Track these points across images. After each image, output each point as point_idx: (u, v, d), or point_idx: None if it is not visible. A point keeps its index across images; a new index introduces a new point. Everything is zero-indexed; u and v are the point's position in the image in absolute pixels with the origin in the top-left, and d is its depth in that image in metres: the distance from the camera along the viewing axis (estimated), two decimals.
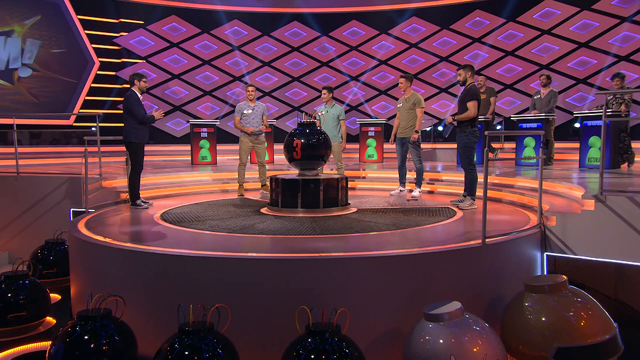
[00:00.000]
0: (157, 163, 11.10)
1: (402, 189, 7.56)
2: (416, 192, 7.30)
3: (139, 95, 6.32)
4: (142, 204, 6.44)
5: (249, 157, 7.86)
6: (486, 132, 4.69)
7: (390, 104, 14.97)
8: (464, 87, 6.21)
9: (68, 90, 13.29)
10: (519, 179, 7.11)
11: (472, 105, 5.95)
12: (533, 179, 6.76)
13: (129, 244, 4.36)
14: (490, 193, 6.80)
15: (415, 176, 7.38)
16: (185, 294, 3.83)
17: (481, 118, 8.81)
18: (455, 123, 6.16)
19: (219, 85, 15.09)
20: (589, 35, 13.00)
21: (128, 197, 6.61)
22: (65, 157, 10.67)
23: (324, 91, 7.82)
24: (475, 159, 6.29)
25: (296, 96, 15.43)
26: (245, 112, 7.63)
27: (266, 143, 7.87)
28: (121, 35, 14.21)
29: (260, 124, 7.67)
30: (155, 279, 3.96)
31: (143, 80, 6.40)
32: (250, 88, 7.69)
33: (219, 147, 11.52)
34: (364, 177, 8.99)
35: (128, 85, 6.48)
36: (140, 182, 6.55)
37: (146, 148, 6.49)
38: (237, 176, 7.88)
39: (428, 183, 8.18)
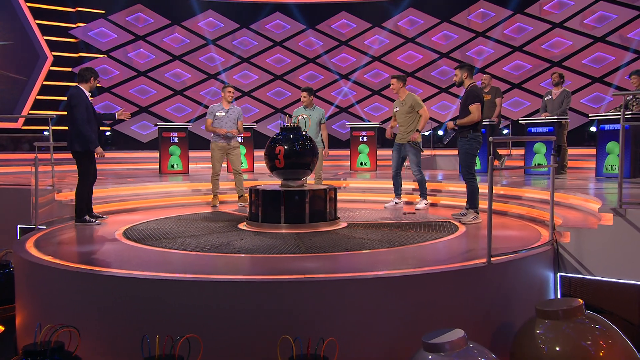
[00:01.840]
0: (121, 172, 11.00)
1: (397, 201, 7.60)
2: (421, 204, 7.34)
3: (88, 94, 6.20)
4: (92, 220, 6.33)
5: (222, 165, 7.91)
6: (491, 138, 4.74)
7: (385, 105, 15.08)
8: (464, 88, 6.29)
9: (16, 89, 13.15)
10: (528, 190, 7.18)
11: (475, 108, 6.02)
12: (544, 190, 6.83)
13: (85, 266, 4.30)
14: (495, 206, 6.82)
15: (414, 187, 7.43)
16: (150, 322, 3.78)
17: (486, 121, 8.91)
18: (456, 128, 6.22)
19: (191, 84, 15.07)
20: (605, 28, 13.25)
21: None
22: (12, 165, 10.52)
23: (304, 94, 7.84)
24: (478, 167, 6.34)
25: (279, 96, 15.47)
26: (218, 114, 7.69)
27: (246, 148, 7.92)
28: (78, 27, 14.15)
29: (234, 129, 7.73)
30: (116, 306, 3.91)
31: (97, 79, 6.29)
32: (229, 89, 7.75)
33: (192, 153, 11.47)
34: (344, 187, 9.05)
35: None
36: (103, 194, 6.44)
37: (108, 155, 6.41)
38: (211, 187, 7.91)
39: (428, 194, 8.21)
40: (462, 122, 6.11)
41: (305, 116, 7.47)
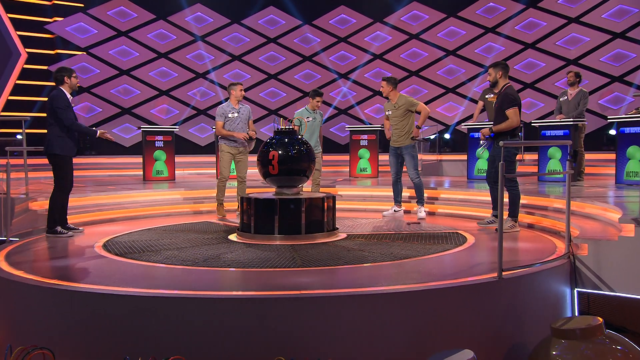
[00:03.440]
0: (101, 179, 10.99)
1: (397, 208, 7.66)
2: (422, 213, 7.44)
3: (69, 96, 6.24)
4: (64, 231, 6.31)
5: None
6: (501, 143, 4.75)
7: None
8: (497, 90, 6.32)
9: None
10: (542, 198, 7.19)
11: (512, 112, 6.05)
12: (559, 198, 6.84)
13: (61, 282, 4.28)
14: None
15: (413, 194, 7.49)
16: (132, 343, 3.76)
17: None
18: (492, 135, 6.25)
19: (178, 84, 15.09)
20: (625, 24, 13.30)
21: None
22: None
23: (319, 98, 8.02)
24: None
25: (273, 97, 15.50)
26: (230, 115, 7.63)
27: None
28: (55, 21, 14.16)
29: (246, 130, 7.73)
30: (95, 325, 3.89)
31: (74, 76, 6.32)
32: (240, 86, 7.74)
33: (178, 159, 11.48)
34: (340, 195, 9.05)
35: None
36: (81, 203, 6.41)
37: (87, 160, 6.44)
38: (215, 194, 7.84)
39: (429, 202, 8.23)
40: (500, 129, 6.12)
41: (303, 119, 7.56)
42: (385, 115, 7.66)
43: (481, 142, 6.50)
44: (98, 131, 6.33)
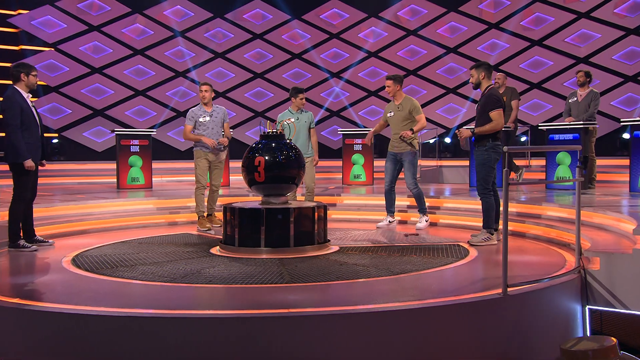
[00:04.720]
0: (70, 187, 10.93)
1: (391, 219, 7.67)
2: (422, 223, 7.47)
3: (26, 96, 6.18)
4: (28, 245, 6.27)
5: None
6: (506, 147, 4.78)
7: (383, 108, 15.17)
8: (479, 90, 6.38)
9: None
10: (549, 207, 7.23)
11: (497, 114, 6.11)
12: (568, 208, 6.88)
13: (24, 301, 4.25)
14: (512, 226, 6.88)
15: (409, 203, 7.47)
16: None
17: None
18: (472, 140, 6.32)
19: (155, 83, 15.07)
20: (639, 19, 13.43)
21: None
22: None
23: (302, 95, 8.01)
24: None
25: (259, 98, 15.52)
26: (201, 119, 7.56)
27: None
28: (20, 14, 14.12)
29: (221, 135, 7.66)
30: (62, 348, 3.86)
31: (32, 73, 6.25)
32: (204, 87, 7.67)
33: (156, 165, 11.45)
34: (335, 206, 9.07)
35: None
36: (48, 213, 6.36)
37: (55, 167, 6.38)
38: (194, 204, 7.76)
39: (430, 212, 8.26)
40: (482, 130, 6.17)
41: (289, 121, 7.51)
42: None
43: (459, 137, 6.60)
44: (28, 160, 6.03)
